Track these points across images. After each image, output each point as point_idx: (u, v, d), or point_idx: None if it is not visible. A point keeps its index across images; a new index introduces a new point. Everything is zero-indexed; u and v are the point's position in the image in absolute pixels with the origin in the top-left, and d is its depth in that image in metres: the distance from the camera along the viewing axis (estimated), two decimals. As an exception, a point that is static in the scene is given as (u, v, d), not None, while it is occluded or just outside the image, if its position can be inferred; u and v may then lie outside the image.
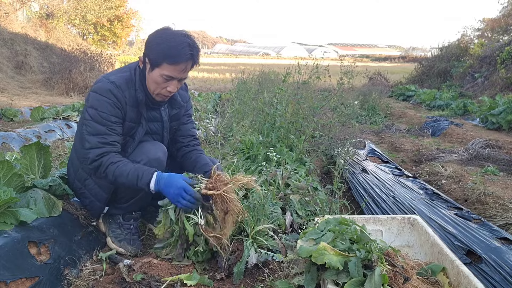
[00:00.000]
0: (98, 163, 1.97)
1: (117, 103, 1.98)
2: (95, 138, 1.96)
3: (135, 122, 2.08)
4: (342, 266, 1.40)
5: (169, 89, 2.02)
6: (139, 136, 2.12)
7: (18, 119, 6.43)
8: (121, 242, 2.17)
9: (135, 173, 1.95)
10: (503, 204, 2.98)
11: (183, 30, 2.00)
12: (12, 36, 12.50)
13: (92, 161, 1.97)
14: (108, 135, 1.98)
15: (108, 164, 1.96)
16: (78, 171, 2.17)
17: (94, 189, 2.14)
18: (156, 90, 2.03)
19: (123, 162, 1.98)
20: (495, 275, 1.96)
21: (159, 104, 2.16)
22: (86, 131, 1.98)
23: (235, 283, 1.88)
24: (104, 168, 1.97)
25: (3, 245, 1.65)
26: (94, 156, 1.96)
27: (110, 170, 1.96)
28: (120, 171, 1.95)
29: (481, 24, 18.08)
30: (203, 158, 2.28)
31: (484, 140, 5.36)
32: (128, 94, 2.01)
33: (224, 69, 22.63)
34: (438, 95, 11.16)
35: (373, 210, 3.12)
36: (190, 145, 2.36)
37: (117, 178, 1.97)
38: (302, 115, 4.19)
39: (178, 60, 1.92)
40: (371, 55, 53.27)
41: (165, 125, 2.24)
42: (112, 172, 1.96)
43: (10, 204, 1.82)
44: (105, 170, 1.97)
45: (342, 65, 4.38)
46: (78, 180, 2.18)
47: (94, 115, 1.96)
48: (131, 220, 2.26)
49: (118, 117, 2.00)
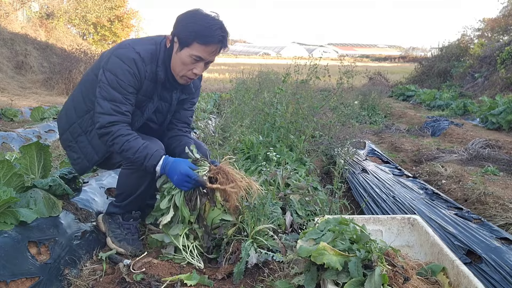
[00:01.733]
0: (107, 131, 1.93)
1: (137, 74, 1.95)
2: (109, 104, 1.92)
3: (148, 97, 2.06)
4: (341, 266, 1.40)
5: (195, 71, 1.99)
6: (148, 112, 2.10)
7: (18, 119, 6.43)
8: (121, 242, 2.16)
9: (144, 152, 1.94)
10: (503, 204, 2.98)
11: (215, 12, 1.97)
12: (12, 36, 12.49)
13: (101, 127, 1.93)
14: (123, 104, 1.94)
15: (118, 135, 1.93)
16: (72, 124, 2.12)
17: (86, 147, 2.10)
18: (182, 71, 2.00)
19: (133, 137, 1.96)
20: (495, 275, 1.96)
21: (176, 86, 2.13)
22: (100, 95, 1.94)
23: (235, 283, 1.88)
24: (113, 138, 1.93)
25: (3, 245, 1.65)
26: (104, 122, 1.92)
27: (118, 141, 1.93)
28: (129, 146, 1.93)
29: (481, 24, 18.10)
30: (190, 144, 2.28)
31: (484, 140, 5.36)
32: (149, 69, 1.98)
33: (224, 69, 22.61)
34: (438, 95, 11.16)
35: (373, 210, 3.12)
36: (182, 130, 2.36)
37: (124, 152, 1.94)
38: (302, 115, 4.19)
39: (210, 41, 1.90)
40: (371, 55, 53.26)
41: (172, 108, 2.22)
42: (121, 145, 1.93)
43: (10, 204, 1.81)
44: (113, 140, 1.93)
45: (342, 65, 4.38)
46: (70, 133, 2.14)
47: (112, 81, 1.92)
48: (131, 220, 2.25)
49: (135, 88, 1.98)
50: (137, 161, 1.96)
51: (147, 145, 1.96)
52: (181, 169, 1.92)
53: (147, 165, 1.96)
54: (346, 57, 7.77)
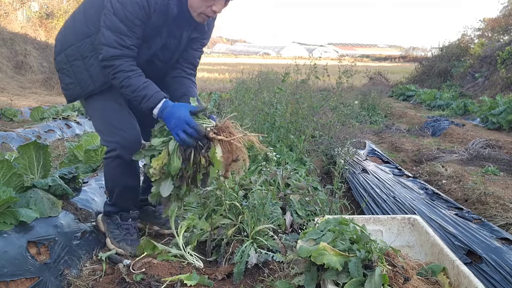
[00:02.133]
0: (109, 64, 1.85)
1: (146, 7, 1.83)
2: (113, 35, 1.82)
3: (156, 31, 1.95)
4: (341, 267, 1.40)
5: (214, 9, 1.89)
6: (154, 47, 1.99)
7: (18, 119, 6.43)
8: (120, 243, 2.14)
9: (144, 92, 1.85)
10: (503, 204, 2.98)
11: None
12: (11, 36, 12.49)
13: (103, 59, 1.85)
14: (128, 37, 1.84)
15: (120, 70, 1.84)
16: (70, 46, 1.99)
17: (82, 73, 1.98)
18: (200, 8, 1.89)
19: (135, 73, 1.86)
20: (495, 275, 1.96)
21: (189, 24, 2.01)
22: (104, 24, 1.83)
23: (235, 283, 1.88)
24: (114, 72, 1.85)
25: (3, 245, 1.65)
26: (107, 55, 1.84)
27: (119, 76, 1.85)
28: (129, 83, 1.85)
29: (482, 24, 18.08)
30: (194, 92, 2.15)
31: (484, 140, 5.36)
32: (160, 1, 1.87)
33: (224, 69, 22.60)
34: (438, 95, 11.16)
35: (373, 210, 3.12)
36: (186, 72, 2.20)
37: (123, 88, 1.86)
38: (301, 115, 4.19)
39: None
40: (371, 55, 53.24)
41: (180, 46, 2.10)
42: (121, 80, 1.85)
43: (10, 204, 1.81)
44: (114, 74, 1.85)
45: (341, 64, 4.38)
46: (66, 55, 2.01)
47: (118, 11, 1.80)
48: (129, 219, 2.21)
49: (142, 21, 1.87)
50: (135, 100, 1.87)
51: (147, 85, 1.87)
52: (181, 114, 1.78)
53: (144, 106, 1.85)
54: (346, 57, 7.79)
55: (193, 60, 2.23)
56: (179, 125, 1.76)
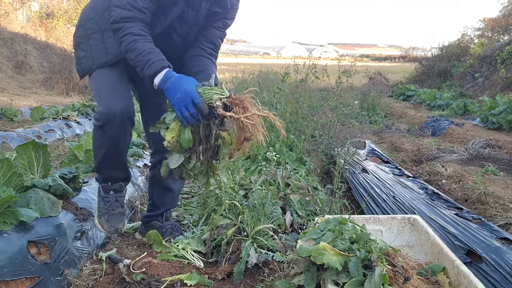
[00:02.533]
0: (119, 26, 1.75)
1: None
2: None
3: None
4: (341, 266, 1.40)
5: None
6: (171, 17, 1.88)
7: (18, 119, 6.43)
8: (100, 218, 1.99)
9: (146, 58, 1.71)
10: (503, 204, 2.98)
11: None
12: (12, 36, 12.49)
13: (114, 21, 1.77)
14: None
15: (128, 33, 1.73)
16: (90, 20, 1.95)
17: (98, 46, 1.92)
18: None
19: (143, 38, 1.75)
20: (495, 274, 1.96)
21: None
22: None
23: (235, 283, 1.88)
24: (122, 34, 1.74)
25: (3, 245, 1.65)
26: (118, 17, 1.75)
27: (126, 39, 1.74)
28: (134, 47, 1.73)
29: (482, 23, 18.07)
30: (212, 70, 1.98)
31: (484, 140, 5.36)
32: None
33: (224, 69, 22.59)
34: (438, 95, 11.16)
35: (373, 210, 3.12)
36: (206, 51, 2.05)
37: (128, 52, 1.75)
38: (301, 115, 4.19)
39: None
40: (371, 54, 53.23)
41: (199, 19, 1.96)
42: (127, 43, 1.74)
43: (10, 204, 1.81)
44: (122, 37, 1.74)
45: (340, 64, 4.39)
46: (85, 29, 1.96)
47: None
48: (110, 192, 2.03)
49: None
50: (138, 67, 1.75)
51: (153, 51, 1.74)
52: (187, 88, 1.63)
53: (146, 73, 1.72)
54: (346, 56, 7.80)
55: (214, 39, 2.07)
56: (183, 100, 1.61)
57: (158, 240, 2.18)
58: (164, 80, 1.69)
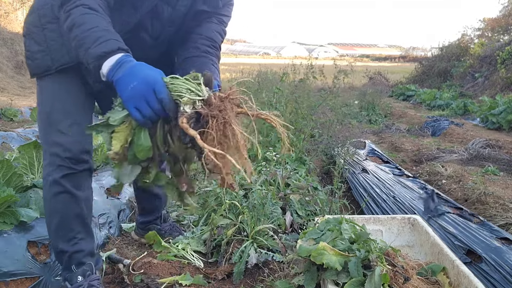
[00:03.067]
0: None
1: None
2: None
3: None
4: (341, 266, 1.40)
5: None
6: (141, 11, 1.50)
7: (18, 119, 6.43)
8: None
9: (99, 34, 1.24)
10: (503, 204, 2.98)
11: None
12: (12, 36, 12.49)
13: None
14: None
15: (80, 5, 1.29)
16: (45, 6, 1.54)
17: (56, 40, 1.52)
18: None
19: (100, 15, 1.30)
20: (495, 274, 1.96)
21: None
22: None
23: (235, 283, 1.88)
24: (72, 7, 1.29)
25: (3, 245, 1.65)
26: None
27: (75, 12, 1.28)
28: (83, 21, 1.26)
29: (482, 23, 18.07)
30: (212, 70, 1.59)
31: (484, 140, 5.36)
32: None
33: (224, 69, 22.57)
34: (438, 95, 11.15)
35: (373, 210, 3.12)
36: (201, 49, 1.65)
37: (73, 28, 1.27)
38: (301, 115, 4.20)
39: None
40: (371, 54, 53.23)
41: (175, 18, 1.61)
42: (75, 16, 1.27)
43: (10, 204, 1.81)
44: (71, 10, 1.29)
45: (336, 65, 4.41)
46: (39, 16, 1.55)
47: None
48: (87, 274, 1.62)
49: None
50: (81, 46, 1.25)
51: (109, 30, 1.28)
52: (148, 74, 1.16)
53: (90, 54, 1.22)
54: (346, 56, 7.80)
55: (210, 33, 1.69)
56: (141, 90, 1.13)
57: (158, 240, 2.19)
58: (117, 65, 1.20)
